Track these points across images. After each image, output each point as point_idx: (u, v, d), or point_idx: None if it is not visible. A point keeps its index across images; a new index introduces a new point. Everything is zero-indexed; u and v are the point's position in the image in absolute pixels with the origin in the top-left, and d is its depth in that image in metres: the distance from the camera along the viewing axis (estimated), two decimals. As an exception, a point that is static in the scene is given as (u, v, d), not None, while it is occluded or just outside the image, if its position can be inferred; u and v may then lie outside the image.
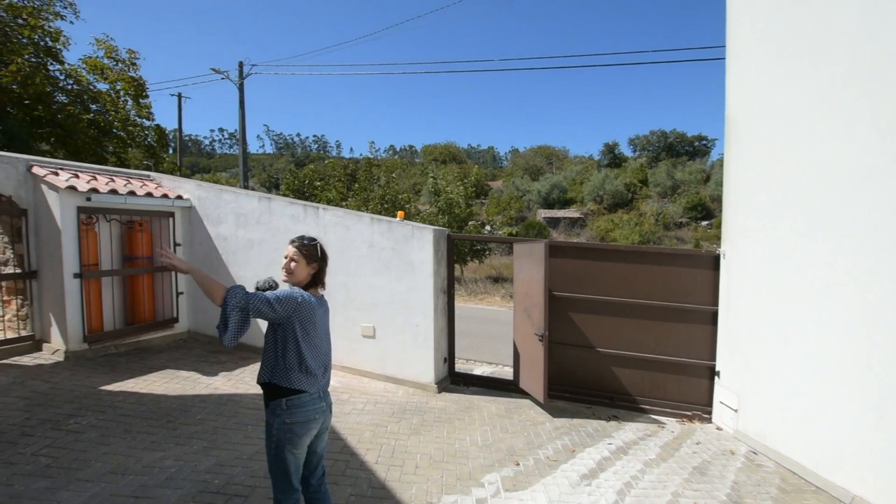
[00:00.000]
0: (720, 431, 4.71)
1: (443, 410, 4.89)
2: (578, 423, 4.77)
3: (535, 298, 5.01)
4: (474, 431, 4.40)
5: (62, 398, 4.32)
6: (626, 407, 5.24)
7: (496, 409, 5.06)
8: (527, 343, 5.27)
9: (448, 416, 4.72)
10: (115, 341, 5.86)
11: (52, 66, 12.75)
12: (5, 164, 5.34)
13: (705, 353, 5.03)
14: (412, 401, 5.09)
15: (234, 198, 6.44)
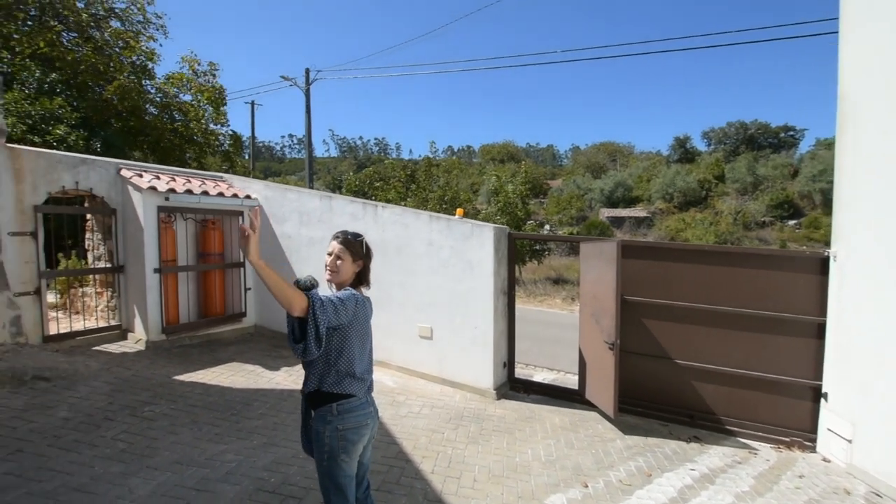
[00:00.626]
0: (828, 464, 4.03)
1: (502, 419, 4.62)
2: (654, 443, 4.30)
3: (604, 303, 4.60)
4: (536, 444, 4.10)
5: (140, 386, 4.58)
6: (709, 427, 4.67)
7: (560, 420, 4.71)
8: (595, 351, 4.87)
9: (508, 426, 4.45)
10: (189, 333, 6.20)
11: (145, 82, 14.05)
12: (99, 168, 5.81)
13: (807, 370, 4.35)
14: (470, 406, 4.87)
15: (297, 197, 6.59)
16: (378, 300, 5.69)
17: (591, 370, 4.98)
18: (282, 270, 6.63)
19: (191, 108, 14.74)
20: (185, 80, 14.70)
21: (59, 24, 12.56)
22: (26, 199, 5.12)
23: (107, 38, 13.52)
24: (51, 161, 5.38)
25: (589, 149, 57.65)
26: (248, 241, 1.75)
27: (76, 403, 4.09)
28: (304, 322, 1.83)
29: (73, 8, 12.67)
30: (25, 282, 5.10)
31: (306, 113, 20.09)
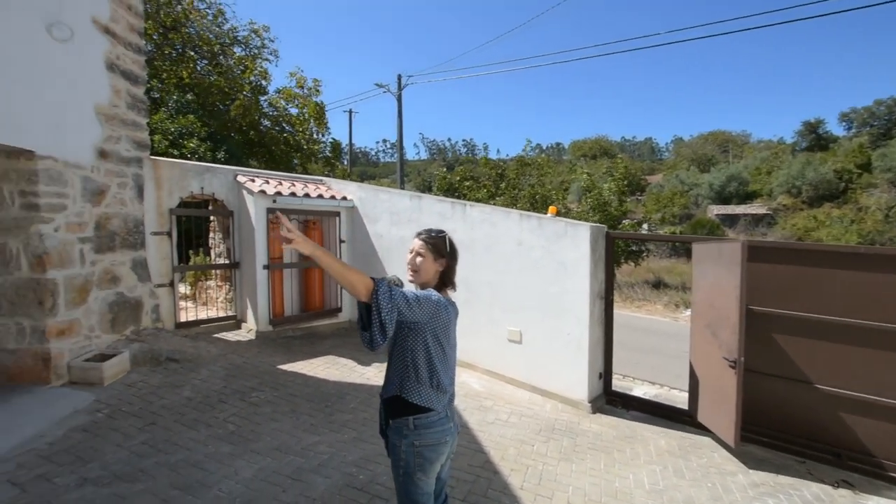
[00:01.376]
0: None
1: (598, 436, 4.24)
2: (787, 483, 3.62)
3: (724, 312, 3.99)
4: (639, 469, 3.67)
5: (249, 372, 5.00)
6: (865, 472, 3.81)
7: (666, 444, 4.19)
8: (710, 367, 4.26)
9: (605, 444, 4.06)
10: (292, 325, 6.67)
11: (260, 98, 15.68)
12: (220, 175, 6.50)
13: None
14: (561, 418, 4.55)
15: (388, 197, 6.77)
16: (465, 300, 5.60)
17: (706, 389, 4.36)
18: (373, 268, 6.86)
19: (297, 119, 16.12)
20: (292, 94, 16.12)
21: (196, 54, 14.53)
22: (164, 204, 5.88)
23: (230, 63, 15.35)
24: (182, 170, 6.13)
25: (695, 140, 52.39)
26: (293, 243, 1.70)
27: (198, 385, 4.57)
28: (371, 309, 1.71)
29: (207, 40, 14.57)
30: (162, 275, 5.86)
31: (398, 117, 20.88)
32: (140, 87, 5.57)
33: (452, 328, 1.98)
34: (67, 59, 4.45)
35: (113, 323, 5.02)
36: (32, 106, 4.07)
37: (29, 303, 4.21)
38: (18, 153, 4.11)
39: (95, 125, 4.87)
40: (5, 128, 3.83)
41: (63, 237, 4.41)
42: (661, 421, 4.73)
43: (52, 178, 4.29)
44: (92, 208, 4.79)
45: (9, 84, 3.83)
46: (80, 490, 2.81)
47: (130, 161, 5.38)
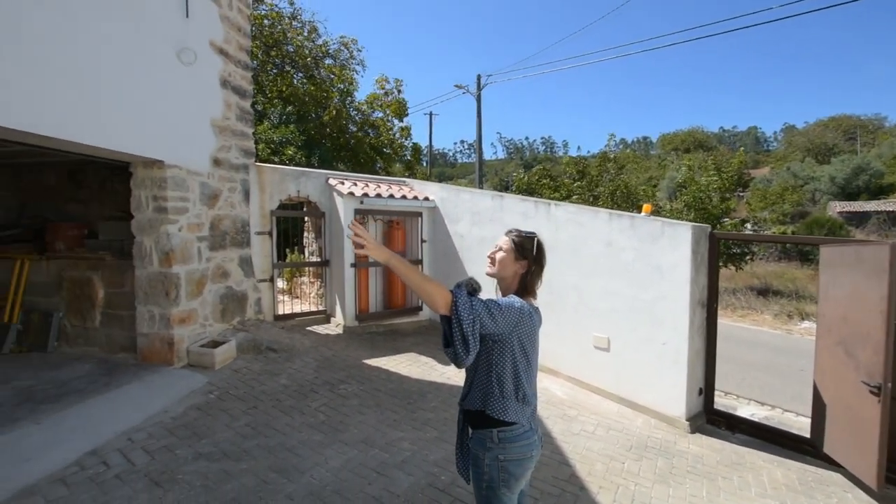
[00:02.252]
0: None
1: (698, 458, 3.83)
2: (953, 539, 2.97)
3: (863, 328, 3.38)
4: (750, 503, 3.24)
5: (338, 365, 5.27)
6: None
7: (783, 476, 3.66)
8: (842, 391, 3.64)
9: (707, 469, 3.65)
10: (376, 322, 6.93)
11: (348, 105, 16.63)
12: (313, 178, 6.95)
13: None
14: (655, 436, 4.19)
15: (470, 197, 6.76)
16: (548, 304, 5.39)
17: (836, 416, 3.74)
18: (454, 268, 6.89)
19: (381, 123, 16.84)
20: (376, 97, 16.89)
21: (293, 68, 15.81)
22: (266, 206, 6.42)
23: (322, 75, 16.48)
24: (282, 174, 6.66)
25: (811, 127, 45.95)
26: (364, 249, 1.66)
27: (293, 374, 4.91)
28: (451, 322, 1.62)
29: (303, 55, 15.80)
30: (264, 271, 6.41)
31: (477, 117, 20.88)
32: (247, 100, 6.14)
33: (537, 336, 1.87)
34: (190, 79, 5.02)
35: (223, 313, 5.59)
36: (162, 122, 4.65)
37: (158, 293, 4.82)
38: (152, 163, 4.73)
39: (211, 136, 5.45)
40: (142, 142, 4.42)
41: (185, 236, 4.99)
42: (774, 448, 4.15)
43: (177, 184, 4.88)
44: (207, 210, 5.36)
45: (144, 104, 4.41)
46: (196, 463, 3.13)
47: (239, 168, 5.94)
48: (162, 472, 3.01)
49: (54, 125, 3.54)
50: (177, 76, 4.83)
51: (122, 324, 5.08)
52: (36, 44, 3.38)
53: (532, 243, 1.90)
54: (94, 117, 3.89)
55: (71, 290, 5.20)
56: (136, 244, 4.86)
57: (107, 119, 4.02)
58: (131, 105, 4.26)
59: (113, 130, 4.08)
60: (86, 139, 3.82)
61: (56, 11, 3.53)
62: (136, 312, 4.91)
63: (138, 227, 4.85)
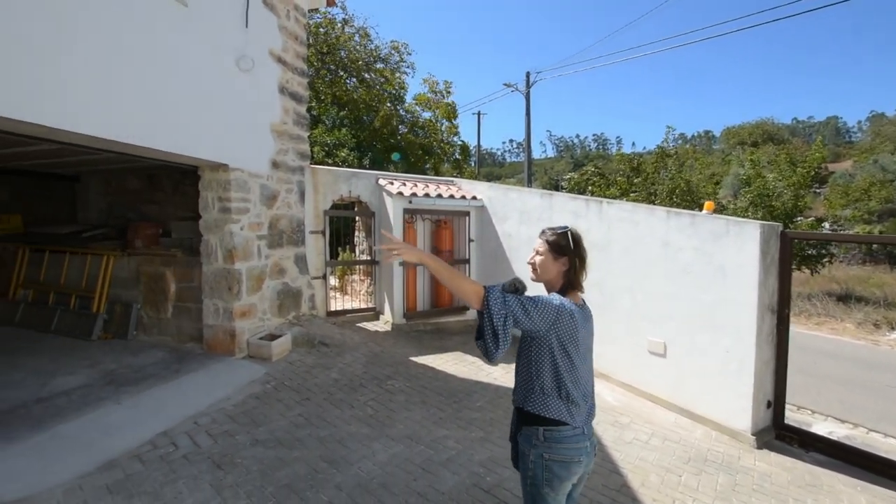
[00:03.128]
0: None
1: (765, 477, 3.53)
2: None
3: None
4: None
5: (386, 361, 5.38)
6: None
7: (868, 503, 3.30)
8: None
9: (776, 489, 3.37)
10: (423, 320, 7.01)
11: (398, 107, 16.95)
12: (364, 179, 7.15)
13: None
14: (715, 449, 3.92)
15: (518, 196, 6.67)
16: (599, 305, 5.21)
17: (934, 440, 3.31)
18: (501, 268, 6.83)
19: (430, 123, 17.02)
20: (426, 99, 17.09)
21: (346, 73, 16.37)
22: (319, 206, 6.69)
23: (373, 78, 16.93)
24: (334, 176, 6.90)
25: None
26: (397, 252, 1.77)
27: (343, 368, 5.08)
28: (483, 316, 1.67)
29: (355, 60, 16.32)
30: (317, 269, 6.68)
31: (526, 115, 20.58)
32: (303, 105, 6.42)
33: (582, 335, 1.80)
34: (252, 87, 5.33)
35: (279, 308, 5.88)
36: (227, 127, 4.97)
37: (222, 288, 5.16)
38: (217, 167, 5.06)
39: (270, 140, 5.75)
40: (209, 147, 4.75)
41: (246, 235, 5.30)
42: (858, 471, 3.75)
43: (240, 186, 5.19)
44: (266, 211, 5.67)
45: (211, 111, 4.74)
46: (253, 449, 3.32)
47: (295, 170, 6.23)
48: (223, 455, 3.21)
49: (137, 134, 3.89)
50: (240, 85, 5.15)
51: (191, 316, 5.49)
52: (126, 63, 3.74)
53: (566, 238, 1.86)
54: (168, 126, 4.23)
55: (147, 283, 5.69)
56: (203, 242, 5.23)
57: (179, 127, 4.35)
58: (200, 113, 4.59)
59: (184, 137, 4.42)
60: (161, 146, 4.17)
61: (144, 31, 3.88)
62: (202, 305, 5.29)
63: (205, 226, 5.21)
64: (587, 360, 1.85)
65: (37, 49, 3.10)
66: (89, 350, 5.21)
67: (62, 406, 3.67)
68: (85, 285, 6.00)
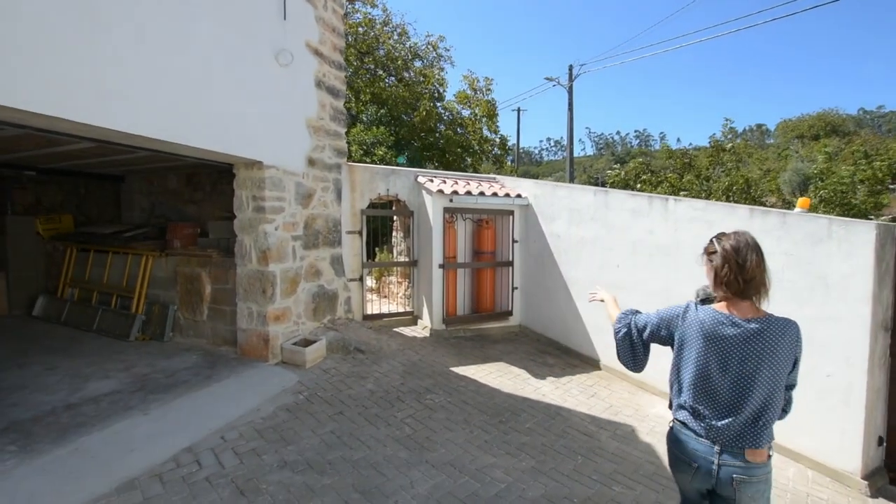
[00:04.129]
0: None
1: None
2: None
3: None
4: None
5: (424, 371, 5.00)
6: None
7: None
8: None
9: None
10: (464, 326, 6.59)
11: (437, 105, 16.62)
12: (402, 177, 6.81)
13: None
14: (818, 495, 3.26)
15: (567, 193, 6.12)
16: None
17: None
18: (548, 271, 6.30)
19: (469, 121, 16.59)
20: (466, 96, 16.67)
21: (384, 72, 16.22)
22: (357, 205, 6.41)
23: (412, 76, 16.69)
24: (372, 173, 6.60)
25: None
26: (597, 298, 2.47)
27: (379, 378, 4.74)
28: None
29: (393, 58, 16.15)
30: (354, 270, 6.40)
31: (569, 110, 19.75)
32: (340, 100, 6.15)
33: (700, 339, 1.78)
34: (287, 81, 5.09)
35: (315, 312, 5.63)
36: (261, 123, 4.74)
37: (256, 291, 4.95)
38: (252, 164, 4.85)
39: (306, 136, 5.50)
40: (244, 144, 4.53)
41: (281, 235, 5.06)
42: None
43: (274, 185, 4.96)
44: (302, 210, 5.42)
45: (246, 106, 4.51)
46: (280, 472, 3.01)
47: (332, 167, 5.97)
48: (248, 479, 2.92)
49: (168, 131, 3.70)
50: (275, 78, 4.91)
51: (226, 318, 5.33)
52: (158, 53, 3.55)
53: (712, 245, 1.86)
54: (200, 121, 4.03)
55: (183, 284, 5.59)
56: (238, 242, 5.04)
57: (212, 122, 4.14)
58: (234, 107, 4.38)
59: (217, 133, 4.21)
60: (193, 142, 3.96)
61: (176, 20, 3.69)
62: (236, 308, 5.10)
63: (239, 226, 5.02)
64: (738, 376, 1.72)
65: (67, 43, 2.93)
66: (126, 352, 5.15)
67: (89, 415, 3.52)
68: (125, 285, 5.99)
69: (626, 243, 5.21)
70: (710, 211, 4.40)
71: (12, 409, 3.63)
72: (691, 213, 4.54)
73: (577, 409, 4.39)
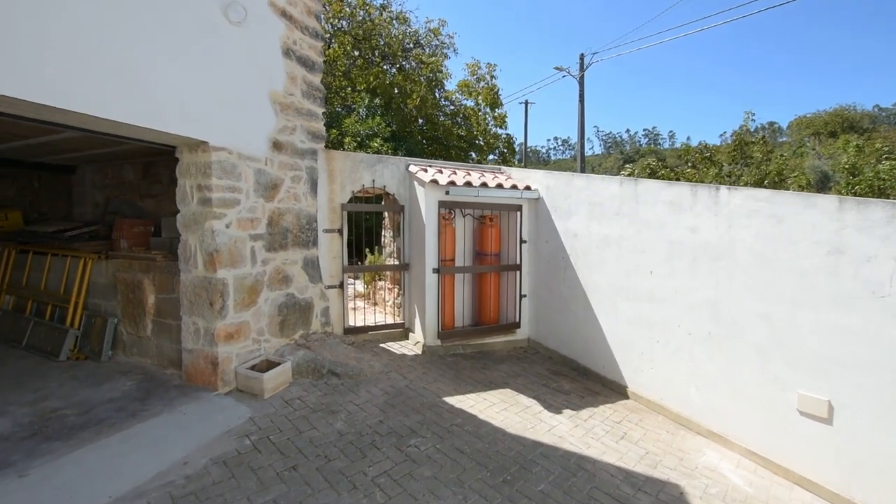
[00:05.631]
0: None
1: None
2: None
3: None
4: None
5: (411, 403, 4.02)
6: None
7: None
8: None
9: None
10: (462, 341, 5.61)
11: (437, 93, 15.61)
12: (391, 165, 5.84)
13: None
14: None
15: (586, 184, 5.11)
16: (712, 337, 3.58)
17: None
18: (562, 276, 5.31)
19: (472, 112, 15.58)
20: (467, 84, 15.67)
21: (383, 60, 15.24)
22: (336, 199, 5.45)
23: (411, 65, 15.70)
24: (354, 161, 5.64)
25: None
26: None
27: (353, 413, 3.78)
28: None
29: (392, 45, 15.17)
30: (333, 276, 5.44)
31: (579, 102, 18.68)
32: (316, 74, 5.20)
33: None
34: (242, 43, 4.14)
35: (282, 326, 4.68)
36: (206, 94, 3.79)
37: (202, 303, 4.00)
38: (196, 145, 3.91)
39: (270, 114, 4.55)
40: (183, 119, 3.58)
41: (234, 234, 4.12)
42: None
43: (224, 171, 4.01)
44: (265, 203, 4.47)
45: (182, 71, 3.56)
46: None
47: (305, 153, 5.02)
48: None
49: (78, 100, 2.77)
50: (227, 40, 3.96)
51: (171, 335, 4.39)
52: None
53: None
54: (126, 89, 3.09)
55: (124, 293, 4.66)
56: (181, 243, 4.11)
57: (140, 91, 3.20)
58: (170, 74, 3.43)
59: (148, 106, 3.27)
60: (113, 115, 3.04)
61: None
62: (181, 323, 4.17)
63: (183, 222, 4.09)
64: None
65: None
66: (49, 376, 4.23)
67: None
68: (63, 293, 5.08)
69: (662, 243, 4.21)
70: (777, 202, 3.39)
71: None
72: (751, 206, 3.52)
73: (605, 458, 3.40)
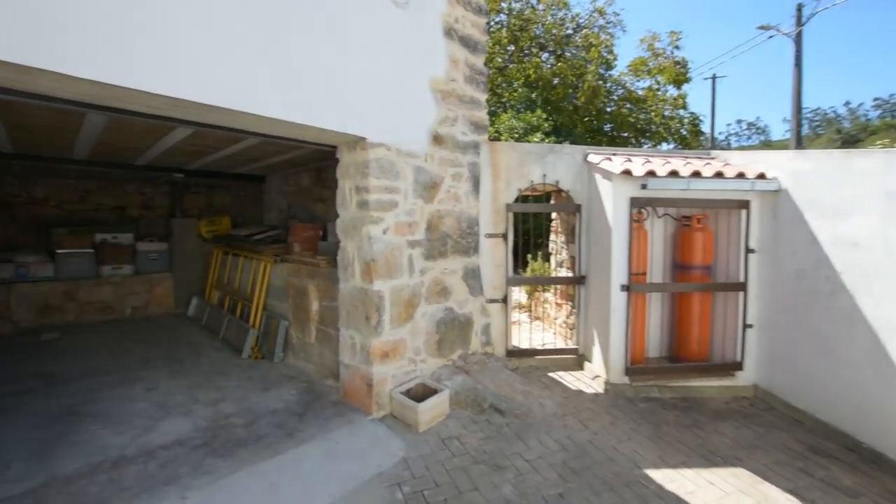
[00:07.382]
0: None
1: None
2: None
3: None
4: None
5: (600, 474, 2.98)
6: None
7: None
8: None
9: None
10: (658, 381, 4.27)
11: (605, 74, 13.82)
12: (565, 156, 4.84)
13: None
14: None
15: (882, 164, 3.29)
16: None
17: None
18: (827, 304, 3.55)
19: (649, 94, 13.38)
20: (643, 63, 13.51)
21: (541, 50, 14.16)
22: (500, 198, 4.70)
23: (573, 52, 14.22)
24: (522, 154, 4.80)
25: None
26: None
27: (524, 474, 2.93)
28: None
29: (550, 33, 13.97)
30: (495, 288, 4.70)
31: (795, 66, 14.54)
32: (480, 55, 4.52)
33: None
34: (401, 24, 3.65)
35: (439, 345, 4.11)
36: (363, 85, 3.38)
37: (359, 315, 3.64)
38: (354, 143, 3.55)
39: (430, 104, 4.01)
40: (338, 113, 3.22)
41: (391, 240, 3.66)
42: None
43: (382, 170, 3.57)
44: (423, 205, 3.95)
45: (339, 59, 3.19)
46: None
47: (466, 147, 4.38)
48: None
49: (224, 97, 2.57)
50: (385, 23, 3.52)
51: (332, 345, 4.20)
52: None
53: None
54: (272, 81, 2.82)
55: (294, 298, 4.69)
56: (340, 250, 3.83)
57: (290, 82, 2.92)
58: (324, 61, 3.10)
59: (298, 98, 2.97)
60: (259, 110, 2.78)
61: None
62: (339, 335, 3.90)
63: (342, 227, 3.80)
64: None
65: None
66: (230, 374, 4.43)
67: (117, 488, 2.58)
68: (249, 293, 5.45)
69: None
70: None
71: (67, 451, 2.96)
72: None
73: None
